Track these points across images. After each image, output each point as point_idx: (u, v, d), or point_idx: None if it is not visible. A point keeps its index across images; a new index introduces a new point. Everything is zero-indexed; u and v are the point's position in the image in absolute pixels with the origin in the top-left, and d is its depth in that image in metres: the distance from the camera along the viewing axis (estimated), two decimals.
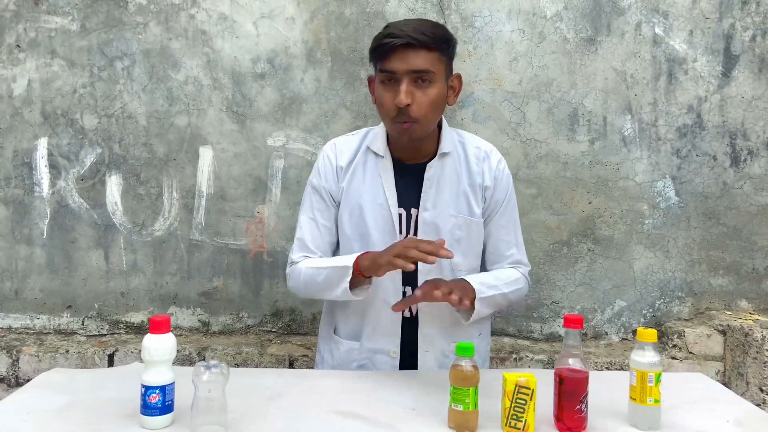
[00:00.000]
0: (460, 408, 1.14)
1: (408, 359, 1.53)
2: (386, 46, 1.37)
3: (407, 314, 1.52)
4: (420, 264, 1.47)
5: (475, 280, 1.45)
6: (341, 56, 2.12)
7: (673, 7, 2.15)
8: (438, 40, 1.39)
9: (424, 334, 1.52)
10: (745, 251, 2.22)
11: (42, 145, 2.12)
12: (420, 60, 1.36)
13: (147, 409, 1.12)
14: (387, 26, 1.44)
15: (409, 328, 1.53)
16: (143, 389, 1.12)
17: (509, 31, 2.12)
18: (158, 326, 1.14)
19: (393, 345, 1.51)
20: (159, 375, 1.13)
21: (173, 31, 2.10)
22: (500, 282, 1.51)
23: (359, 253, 1.43)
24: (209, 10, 2.10)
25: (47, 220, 2.14)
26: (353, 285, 1.41)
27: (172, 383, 1.14)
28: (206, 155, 2.14)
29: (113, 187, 2.14)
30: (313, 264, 1.50)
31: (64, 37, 2.10)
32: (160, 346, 1.13)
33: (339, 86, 2.12)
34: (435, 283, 1.37)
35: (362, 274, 1.39)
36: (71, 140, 2.13)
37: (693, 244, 2.21)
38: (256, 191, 2.15)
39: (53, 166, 2.13)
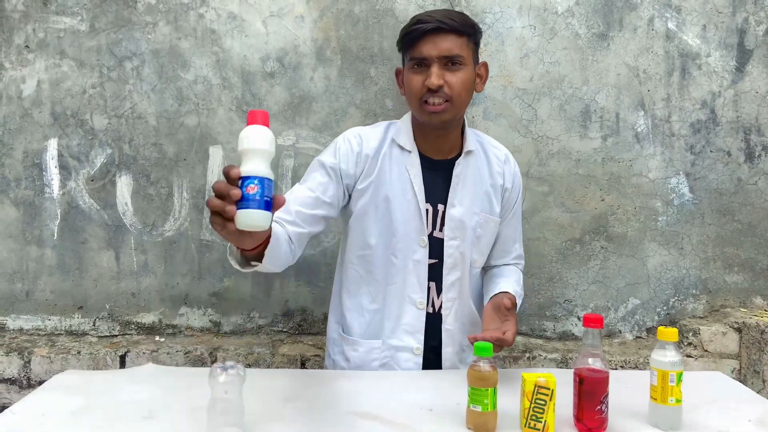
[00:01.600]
0: (479, 409, 1.13)
1: (430, 355, 1.53)
2: (416, 32, 1.41)
3: (430, 309, 1.53)
4: (445, 258, 1.48)
5: (512, 290, 1.53)
6: (351, 54, 2.10)
7: (686, 2, 2.12)
8: (466, 26, 1.43)
9: (447, 329, 1.53)
10: (760, 248, 2.19)
11: (52, 146, 2.12)
12: (449, 44, 1.40)
13: (244, 201, 0.95)
14: (414, 17, 1.48)
15: (430, 323, 1.53)
16: (240, 181, 0.96)
17: (520, 27, 2.11)
18: (256, 117, 1.01)
19: (417, 342, 1.51)
20: (257, 166, 0.97)
21: (182, 30, 2.09)
22: (520, 287, 1.60)
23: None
24: (218, 9, 2.09)
25: (58, 221, 2.14)
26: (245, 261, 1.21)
27: (272, 180, 0.99)
28: (216, 155, 2.13)
29: (123, 187, 2.14)
30: None
31: (73, 37, 2.09)
32: (258, 134, 0.99)
33: (349, 84, 2.11)
34: (499, 324, 1.41)
35: (242, 249, 1.16)
36: (81, 141, 2.12)
37: (707, 241, 2.18)
38: None
39: (63, 167, 2.13)
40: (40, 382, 1.78)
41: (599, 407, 1.14)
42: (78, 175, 2.13)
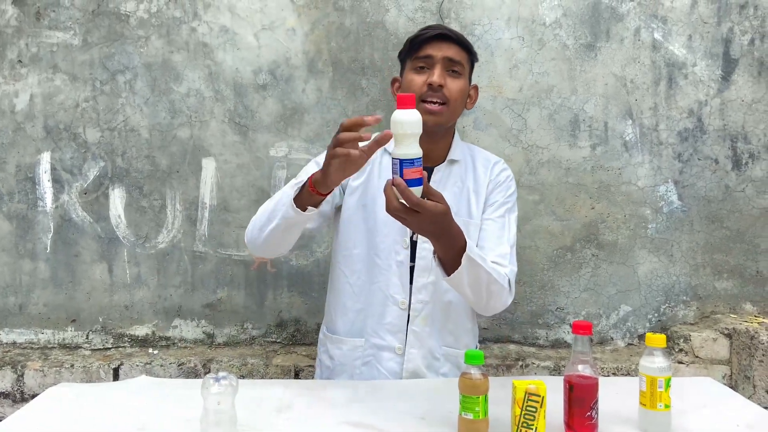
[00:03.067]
0: (470, 417, 1.14)
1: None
2: (423, 37, 1.49)
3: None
4: (417, 260, 1.49)
5: (468, 240, 1.35)
6: (342, 66, 2.12)
7: (672, 12, 2.16)
8: (467, 43, 1.54)
9: (413, 330, 1.53)
10: (749, 254, 2.22)
11: (45, 160, 2.13)
12: (453, 51, 1.49)
13: (414, 180, 1.14)
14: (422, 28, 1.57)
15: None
16: (397, 163, 1.14)
17: (509, 39, 2.13)
18: (406, 101, 1.14)
19: (398, 342, 1.52)
20: (410, 148, 1.14)
21: (175, 44, 2.11)
22: (488, 261, 1.41)
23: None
24: (210, 22, 2.11)
25: (51, 234, 2.14)
26: (305, 203, 1.31)
27: (420, 158, 1.15)
28: (209, 167, 2.14)
29: (116, 200, 2.14)
30: (266, 204, 1.45)
31: (65, 51, 2.11)
32: (411, 118, 1.14)
33: (341, 96, 2.13)
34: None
35: (316, 190, 1.29)
36: (74, 154, 2.13)
37: (697, 247, 2.21)
38: (259, 202, 2.12)
39: (56, 181, 2.13)
40: (33, 396, 1.78)
41: (589, 413, 1.15)
42: (71, 188, 2.13)
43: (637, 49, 2.16)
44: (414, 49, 1.51)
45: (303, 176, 1.50)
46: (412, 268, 1.53)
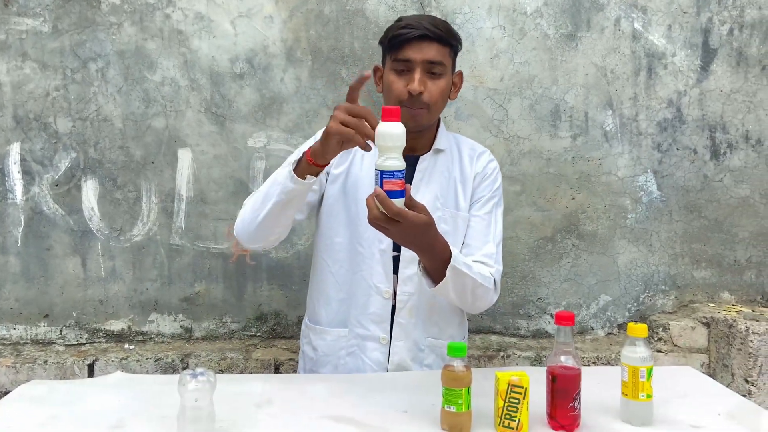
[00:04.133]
0: (453, 409, 1.13)
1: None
2: (403, 37, 1.43)
3: (394, 302, 1.52)
4: (403, 251, 1.48)
5: (454, 249, 1.36)
6: (322, 55, 2.09)
7: (652, 2, 2.16)
8: (450, 35, 1.47)
9: (399, 322, 1.51)
10: (727, 243, 2.24)
11: (14, 151, 2.06)
12: (434, 52, 1.44)
13: (395, 192, 1.17)
14: (400, 19, 1.50)
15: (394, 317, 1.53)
16: (378, 174, 1.16)
17: (490, 28, 2.12)
18: (391, 114, 1.17)
19: (383, 331, 1.51)
20: (393, 161, 1.16)
21: (148, 31, 2.06)
22: (473, 268, 1.42)
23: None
24: (185, 9, 2.06)
25: (21, 228, 2.08)
26: (304, 173, 1.32)
27: (402, 170, 1.18)
28: (185, 158, 2.10)
29: (89, 192, 2.09)
30: (259, 189, 1.44)
31: (35, 39, 2.04)
32: (394, 131, 1.16)
33: (320, 85, 2.09)
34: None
35: (314, 161, 1.30)
36: (45, 145, 2.07)
37: (675, 237, 2.22)
38: (238, 194, 2.11)
39: (26, 172, 2.07)
40: (6, 393, 1.73)
41: (572, 404, 1.14)
42: (42, 180, 2.08)
43: (617, 39, 2.16)
44: (393, 48, 1.46)
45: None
46: (396, 258, 1.51)
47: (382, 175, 1.16)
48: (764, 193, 2.24)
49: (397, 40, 1.45)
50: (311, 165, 1.31)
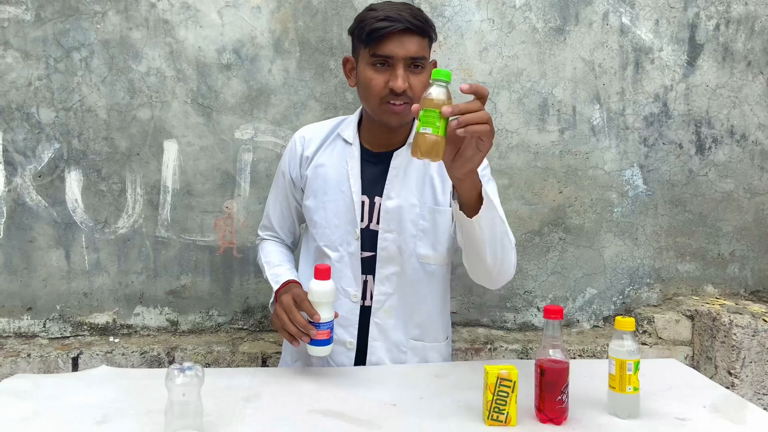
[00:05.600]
0: (429, 131, 1.07)
1: (364, 349, 1.51)
2: (383, 31, 1.35)
3: (369, 303, 1.49)
4: (379, 251, 1.46)
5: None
6: (310, 46, 2.07)
7: None
8: (430, 27, 1.42)
9: (376, 323, 1.49)
10: (711, 237, 2.26)
11: None
12: (416, 46, 1.38)
13: (320, 341, 1.31)
14: (373, 8, 1.41)
15: (367, 317, 1.50)
16: (315, 326, 1.30)
17: (479, 21, 2.11)
18: (322, 274, 1.30)
19: (349, 336, 1.49)
20: (328, 313, 1.30)
21: (133, 20, 2.03)
22: (501, 213, 1.34)
23: (288, 279, 1.49)
24: None
25: (3, 220, 2.05)
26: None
27: (332, 321, 1.33)
28: (171, 149, 2.07)
29: (73, 183, 2.06)
30: (264, 257, 1.64)
31: (17, 27, 2.00)
32: (325, 289, 1.30)
33: (308, 77, 2.08)
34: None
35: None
36: (27, 135, 2.03)
37: (660, 231, 2.24)
38: (224, 186, 2.09)
39: (8, 163, 2.04)
40: None
41: (560, 397, 1.15)
42: (24, 171, 2.04)
43: (605, 34, 2.16)
44: (372, 42, 1.37)
45: (276, 189, 1.66)
46: (372, 258, 1.48)
47: (316, 325, 1.30)
48: (748, 187, 2.26)
49: (376, 34, 1.36)
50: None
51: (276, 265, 1.57)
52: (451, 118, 1.09)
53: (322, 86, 2.08)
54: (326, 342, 1.31)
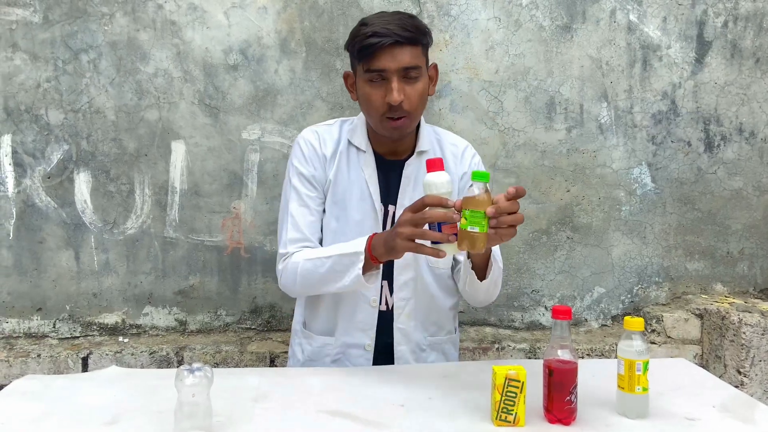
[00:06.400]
0: (477, 230, 1.16)
1: (383, 352, 1.53)
2: (373, 47, 1.36)
3: (383, 308, 1.52)
4: (396, 261, 1.46)
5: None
6: (316, 46, 2.07)
7: None
8: (420, 34, 1.40)
9: (399, 328, 1.52)
10: (720, 235, 2.25)
11: (5, 143, 2.04)
12: (408, 57, 1.37)
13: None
14: (364, 23, 1.41)
15: (385, 321, 1.52)
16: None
17: (485, 20, 2.11)
18: (436, 165, 1.22)
19: (368, 338, 1.51)
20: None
21: (141, 21, 2.03)
22: (498, 258, 1.45)
23: (365, 237, 1.36)
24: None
25: (13, 221, 2.06)
26: (363, 271, 1.34)
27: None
28: (179, 150, 2.08)
29: (82, 184, 2.07)
30: (313, 254, 1.43)
31: (25, 29, 2.01)
32: (445, 179, 1.22)
33: (314, 77, 2.08)
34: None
35: (376, 259, 1.33)
36: (36, 137, 2.05)
37: (669, 229, 2.23)
38: (232, 186, 2.10)
39: (18, 164, 2.05)
40: (0, 388, 1.72)
41: (569, 398, 1.15)
42: (34, 173, 2.06)
43: (612, 31, 2.15)
44: (364, 57, 1.38)
45: (298, 195, 1.50)
46: (387, 265, 1.49)
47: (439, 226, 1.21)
48: (757, 185, 2.25)
49: (367, 51, 1.37)
50: (374, 264, 1.34)
51: (336, 247, 1.42)
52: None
53: (329, 86, 2.08)
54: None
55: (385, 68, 1.37)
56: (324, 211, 1.53)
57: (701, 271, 2.26)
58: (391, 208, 1.51)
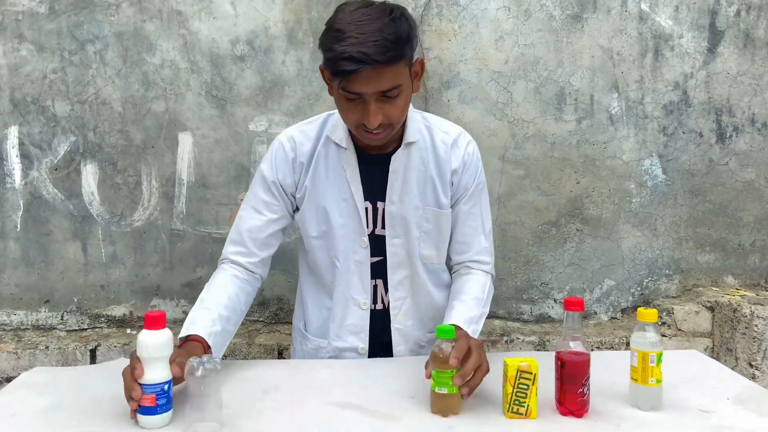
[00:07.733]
0: (445, 391, 1.12)
1: (381, 352, 1.50)
2: (348, 75, 1.20)
3: (379, 306, 1.49)
4: (389, 256, 1.44)
5: (464, 321, 1.35)
6: None
7: None
8: (399, 49, 1.22)
9: (397, 329, 1.49)
10: (731, 227, 2.23)
11: (12, 134, 2.03)
12: (387, 81, 1.23)
13: (145, 408, 1.06)
14: (339, 31, 1.22)
15: (381, 321, 1.49)
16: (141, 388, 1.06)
17: (495, 9, 2.08)
18: (154, 321, 1.11)
19: (360, 342, 1.48)
20: (156, 372, 1.07)
21: (147, 12, 2.02)
22: (481, 305, 1.43)
23: (195, 335, 1.32)
24: None
25: (21, 212, 2.06)
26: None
27: (170, 380, 1.08)
28: (186, 142, 2.07)
29: (89, 176, 2.07)
30: (205, 289, 1.46)
31: (32, 20, 2.00)
32: (154, 341, 1.10)
33: None
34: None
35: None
36: (43, 128, 2.04)
37: (680, 221, 2.21)
38: (239, 178, 2.09)
39: (25, 156, 2.05)
40: (8, 379, 1.73)
41: (581, 390, 1.13)
42: (41, 164, 2.05)
43: (623, 21, 2.12)
44: (338, 75, 1.22)
45: (253, 196, 1.46)
46: (378, 263, 1.46)
47: (143, 388, 1.06)
48: None
49: (342, 76, 1.21)
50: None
51: (203, 308, 1.38)
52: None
53: None
54: (152, 411, 1.05)
55: (361, 92, 1.24)
56: (293, 215, 1.48)
57: (712, 263, 2.23)
58: (380, 204, 1.44)
